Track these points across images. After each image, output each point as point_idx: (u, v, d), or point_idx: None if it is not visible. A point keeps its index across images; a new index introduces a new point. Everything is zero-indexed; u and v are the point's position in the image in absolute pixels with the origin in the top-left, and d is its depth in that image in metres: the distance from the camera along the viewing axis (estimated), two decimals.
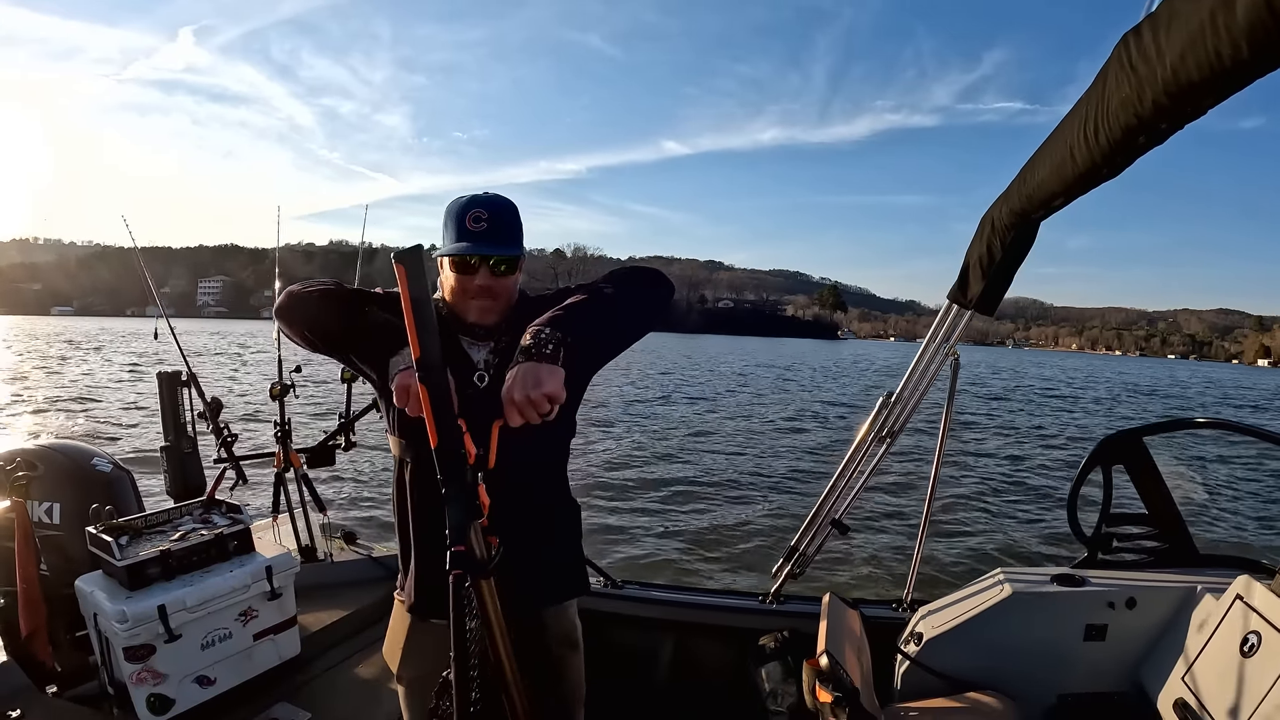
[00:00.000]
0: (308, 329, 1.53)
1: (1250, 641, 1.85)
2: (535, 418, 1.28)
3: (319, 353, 1.62)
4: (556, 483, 1.78)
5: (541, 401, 1.27)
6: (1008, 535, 8.11)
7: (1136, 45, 1.09)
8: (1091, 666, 2.21)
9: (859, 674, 2.04)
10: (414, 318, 1.07)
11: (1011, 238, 1.83)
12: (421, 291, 1.06)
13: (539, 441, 1.55)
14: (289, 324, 1.55)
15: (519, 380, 1.28)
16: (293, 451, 3.96)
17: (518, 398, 1.27)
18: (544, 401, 1.27)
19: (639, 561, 6.86)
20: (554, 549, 1.74)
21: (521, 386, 1.27)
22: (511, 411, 1.28)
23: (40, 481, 2.67)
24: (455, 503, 1.15)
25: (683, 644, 2.77)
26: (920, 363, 2.36)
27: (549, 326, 1.36)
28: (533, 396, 1.26)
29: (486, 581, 1.22)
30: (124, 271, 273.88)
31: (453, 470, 1.14)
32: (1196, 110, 1.06)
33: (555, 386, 1.28)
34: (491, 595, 1.23)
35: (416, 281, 1.06)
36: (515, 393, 1.27)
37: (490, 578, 1.22)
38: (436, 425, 1.11)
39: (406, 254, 1.06)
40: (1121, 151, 1.25)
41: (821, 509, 2.60)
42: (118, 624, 2.26)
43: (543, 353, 1.32)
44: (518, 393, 1.27)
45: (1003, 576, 2.31)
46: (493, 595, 1.23)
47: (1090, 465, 2.53)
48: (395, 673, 1.76)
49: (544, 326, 1.36)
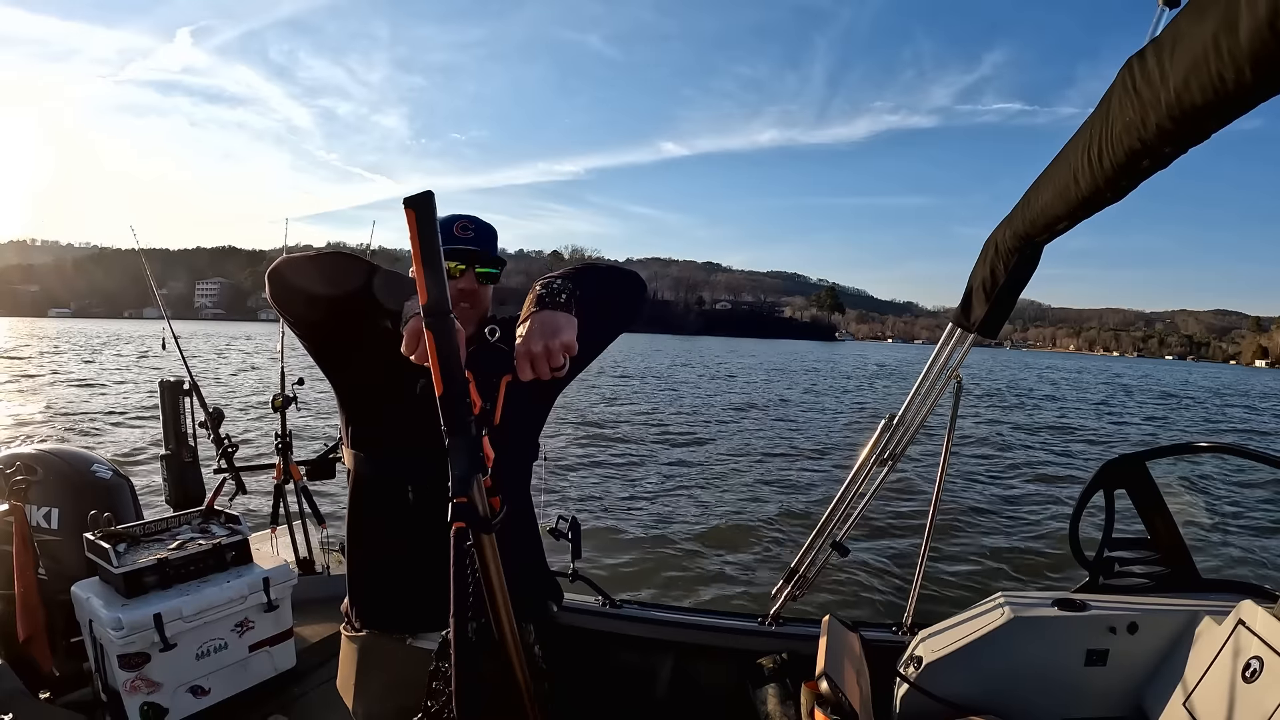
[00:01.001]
0: (309, 286, 1.38)
1: (1252, 667, 1.84)
2: (546, 372, 1.23)
3: (311, 329, 1.47)
4: (525, 513, 1.71)
5: (558, 352, 1.22)
6: (1009, 558, 8.06)
7: (1140, 69, 1.10)
8: (1093, 692, 2.19)
9: (858, 697, 2.03)
10: (423, 262, 1.03)
11: (1015, 260, 1.84)
12: (431, 237, 1.03)
13: (510, 458, 1.47)
14: (288, 283, 1.38)
15: (537, 329, 1.24)
16: (293, 463, 3.96)
17: (535, 348, 1.22)
18: (560, 353, 1.23)
19: (638, 581, 6.83)
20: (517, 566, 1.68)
21: (540, 335, 1.23)
22: (524, 365, 1.23)
23: (40, 486, 2.67)
24: (459, 453, 1.08)
25: (681, 664, 2.75)
26: (923, 386, 2.36)
27: (560, 278, 1.34)
28: (551, 346, 1.22)
29: (489, 537, 1.16)
30: (121, 274, 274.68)
31: (458, 419, 1.08)
32: (1200, 134, 1.07)
33: (571, 336, 1.25)
34: (493, 552, 1.18)
35: (426, 227, 1.02)
36: (534, 343, 1.22)
37: (492, 533, 1.16)
38: (442, 372, 1.06)
39: (417, 198, 1.02)
40: (1125, 175, 1.25)
41: (822, 531, 2.60)
42: (113, 631, 2.26)
43: (557, 301, 1.28)
44: (536, 342, 1.22)
45: (1003, 600, 2.29)
46: (494, 552, 1.18)
47: (1092, 489, 2.52)
48: (350, 708, 1.64)
49: (555, 278, 1.33)
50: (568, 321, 1.26)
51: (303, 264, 1.37)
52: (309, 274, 1.37)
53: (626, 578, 6.85)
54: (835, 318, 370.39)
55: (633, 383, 32.48)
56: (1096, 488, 2.52)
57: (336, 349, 1.51)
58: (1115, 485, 2.51)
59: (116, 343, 57.47)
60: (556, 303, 1.28)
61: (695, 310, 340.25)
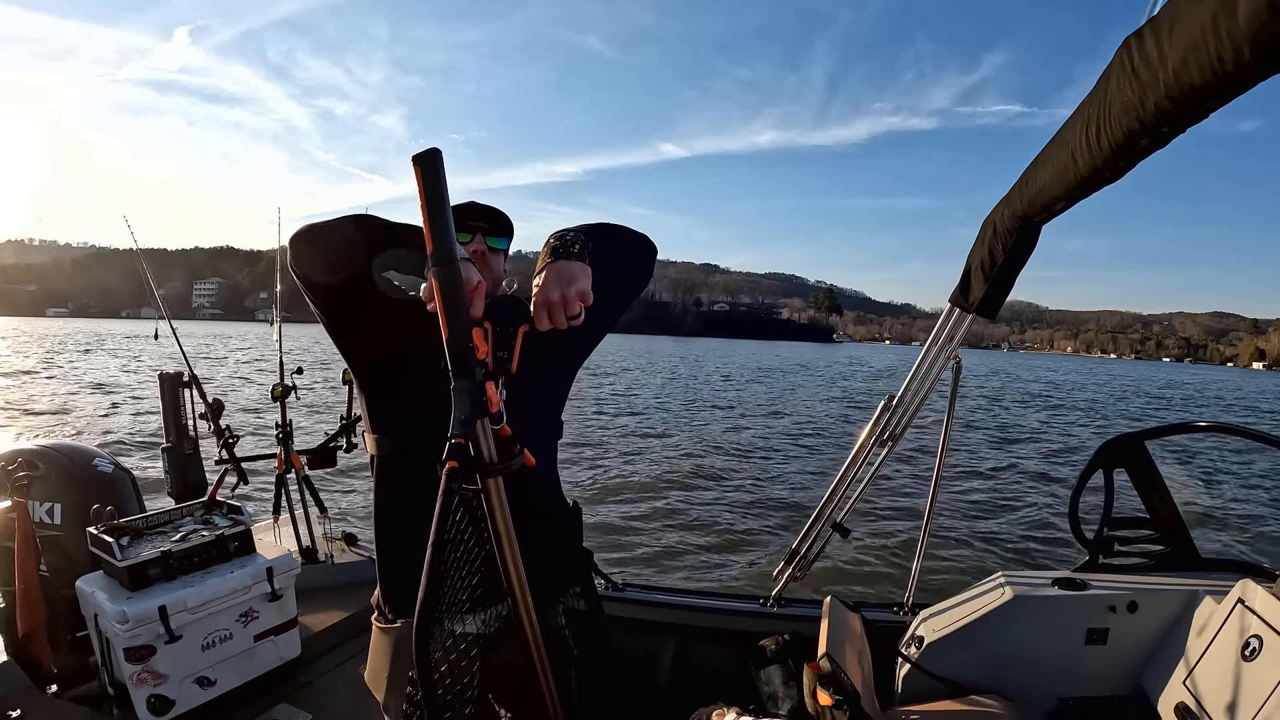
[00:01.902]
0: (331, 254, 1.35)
1: (1251, 645, 1.85)
2: (563, 320, 1.26)
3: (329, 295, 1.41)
4: (554, 490, 1.70)
5: (574, 300, 1.24)
6: (1009, 538, 8.10)
7: (1138, 49, 1.09)
8: (1093, 670, 2.21)
9: (860, 677, 2.04)
10: (429, 214, 1.06)
11: (1013, 241, 1.83)
12: (438, 191, 1.06)
13: (534, 413, 1.47)
14: (310, 246, 1.35)
15: (552, 279, 1.26)
16: (294, 453, 3.97)
17: (552, 296, 1.24)
18: (575, 300, 1.25)
19: (640, 564, 6.86)
20: (546, 545, 1.60)
21: (556, 284, 1.25)
22: (541, 314, 1.25)
23: (41, 482, 2.67)
24: (462, 395, 1.09)
25: (683, 647, 2.77)
26: (922, 366, 2.36)
27: (572, 231, 1.36)
28: (567, 294, 1.24)
29: (495, 481, 1.16)
30: (119, 273, 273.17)
31: (461, 363, 1.08)
32: (1199, 114, 1.06)
33: (586, 284, 1.26)
34: (500, 497, 1.17)
35: (432, 180, 1.05)
36: (550, 291, 1.24)
37: (499, 477, 1.16)
38: (447, 317, 1.08)
39: (424, 154, 1.06)
40: (1123, 155, 1.24)
41: (823, 512, 2.60)
42: (118, 624, 2.27)
43: (571, 251, 1.30)
44: (552, 291, 1.24)
45: (1004, 580, 2.30)
46: (501, 499, 1.17)
47: (1092, 469, 2.53)
48: (382, 702, 1.59)
49: (568, 230, 1.36)
50: (583, 270, 1.28)
51: (327, 230, 1.35)
52: (332, 240, 1.35)
53: (629, 561, 6.88)
54: (833, 319, 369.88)
55: (634, 373, 32.49)
56: (1096, 467, 2.52)
57: (352, 316, 1.47)
58: (1114, 465, 2.52)
59: (115, 341, 57.33)
60: (570, 253, 1.30)
61: (693, 311, 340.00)
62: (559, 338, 1.35)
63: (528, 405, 1.42)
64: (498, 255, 1.58)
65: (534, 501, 1.54)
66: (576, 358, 1.70)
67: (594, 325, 1.56)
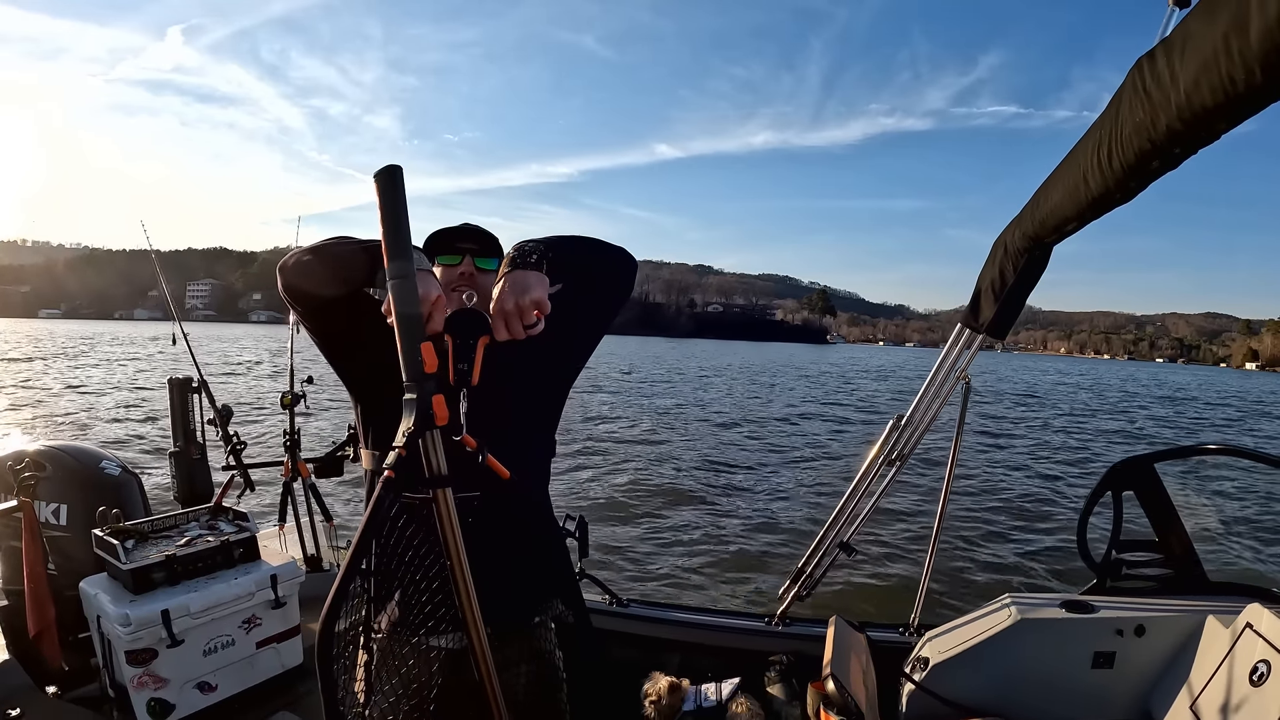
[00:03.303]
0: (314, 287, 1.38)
1: (1260, 670, 1.83)
2: (520, 330, 1.28)
3: (319, 320, 1.47)
4: (539, 508, 1.67)
5: (529, 309, 1.27)
6: (1016, 559, 8.03)
7: (1150, 70, 1.09)
8: (1099, 695, 2.19)
9: (864, 698, 2.02)
10: (386, 228, 1.11)
11: (1024, 261, 1.83)
12: (394, 205, 1.11)
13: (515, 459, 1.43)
14: (294, 280, 1.38)
15: (507, 288, 1.29)
16: (301, 461, 3.97)
17: (507, 306, 1.27)
18: (531, 309, 1.27)
19: (645, 581, 6.83)
20: (527, 562, 1.61)
21: (511, 293, 1.28)
22: (499, 324, 1.28)
23: (48, 482, 2.69)
24: (408, 406, 1.12)
25: (688, 664, 2.75)
26: (931, 386, 2.35)
27: (533, 242, 1.38)
28: (521, 304, 1.27)
29: (443, 492, 1.18)
30: (111, 275, 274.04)
31: (410, 372, 1.11)
32: (1211, 135, 1.06)
33: (542, 293, 1.29)
34: (448, 509, 1.18)
35: (390, 195, 1.10)
36: (506, 301, 1.27)
37: (447, 489, 1.18)
38: (399, 329, 1.11)
39: (383, 170, 1.11)
40: (1135, 176, 1.25)
41: (829, 531, 2.59)
42: (120, 627, 2.27)
43: (528, 261, 1.33)
44: (508, 300, 1.27)
45: (1010, 601, 2.29)
46: (449, 509, 1.18)
47: (1100, 491, 2.51)
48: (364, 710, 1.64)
49: (527, 241, 1.38)
50: (538, 280, 1.31)
51: (308, 261, 1.38)
52: (313, 270, 1.38)
53: (633, 577, 6.85)
54: (827, 320, 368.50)
55: (635, 383, 32.49)
56: (1105, 489, 2.50)
57: (342, 339, 1.52)
58: (1123, 487, 2.50)
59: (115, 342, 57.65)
60: (528, 263, 1.33)
61: (687, 313, 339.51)
62: (527, 348, 1.37)
63: (500, 418, 1.43)
64: (487, 275, 1.59)
65: (514, 514, 1.54)
66: (557, 372, 1.67)
67: (567, 337, 1.57)
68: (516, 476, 1.37)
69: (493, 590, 1.30)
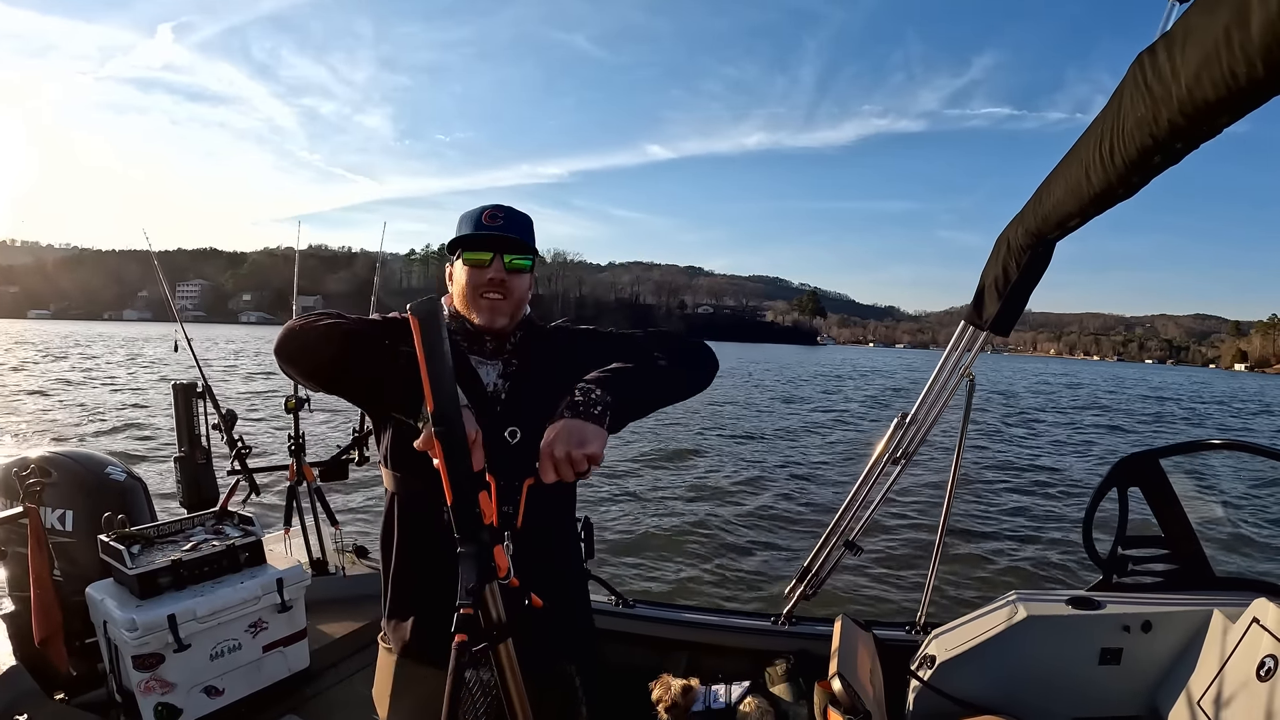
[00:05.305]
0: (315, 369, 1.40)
1: (1266, 665, 1.82)
2: (570, 476, 1.22)
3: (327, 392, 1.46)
4: (571, 547, 1.67)
5: (581, 461, 1.21)
6: (1022, 556, 8.01)
7: (1151, 65, 1.09)
8: (1106, 691, 2.18)
9: (871, 696, 2.02)
10: (428, 370, 1.04)
11: (1027, 258, 1.83)
12: (436, 345, 1.04)
13: (557, 504, 1.45)
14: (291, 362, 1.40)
15: (562, 435, 1.22)
16: (306, 465, 3.98)
17: (558, 453, 1.20)
18: (584, 461, 1.21)
19: (651, 581, 6.83)
20: (567, 615, 1.59)
21: (565, 442, 1.21)
22: (548, 467, 1.21)
23: (54, 488, 2.69)
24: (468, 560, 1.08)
25: (694, 664, 2.75)
26: (935, 384, 2.35)
27: (599, 388, 1.31)
28: (574, 455, 1.20)
29: (504, 646, 1.15)
30: (101, 275, 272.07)
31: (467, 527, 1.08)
32: (1212, 130, 1.06)
33: (598, 448, 1.23)
34: (510, 661, 1.16)
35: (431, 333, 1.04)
36: (557, 448, 1.21)
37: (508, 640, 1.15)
38: (451, 481, 1.07)
39: (423, 307, 1.04)
40: (1137, 171, 1.24)
41: (835, 529, 2.59)
42: (127, 632, 2.27)
43: (591, 413, 1.26)
44: (559, 448, 1.21)
45: (1017, 598, 2.28)
46: (512, 662, 1.16)
47: (1106, 487, 2.50)
48: (384, 718, 1.58)
49: (594, 386, 1.31)
50: (596, 434, 1.24)
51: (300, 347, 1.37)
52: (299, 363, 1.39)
53: (639, 578, 6.85)
54: (817, 322, 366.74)
55: None
56: (1110, 485, 2.50)
57: (348, 397, 1.50)
58: (1129, 483, 2.49)
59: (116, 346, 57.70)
60: (590, 413, 1.26)
61: (677, 314, 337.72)
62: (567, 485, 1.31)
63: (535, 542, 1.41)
64: (520, 277, 1.51)
65: (554, 566, 1.55)
66: None
67: None
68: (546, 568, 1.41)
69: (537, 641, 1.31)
